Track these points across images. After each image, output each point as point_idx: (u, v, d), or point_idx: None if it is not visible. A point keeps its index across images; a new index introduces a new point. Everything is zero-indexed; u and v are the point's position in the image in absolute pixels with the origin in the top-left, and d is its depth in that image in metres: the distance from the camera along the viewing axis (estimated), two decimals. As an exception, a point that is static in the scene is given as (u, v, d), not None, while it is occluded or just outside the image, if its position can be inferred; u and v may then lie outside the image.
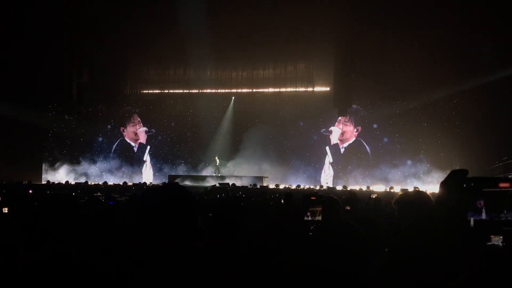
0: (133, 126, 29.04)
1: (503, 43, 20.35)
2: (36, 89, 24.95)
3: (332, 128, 26.95)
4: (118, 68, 27.34)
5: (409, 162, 24.82)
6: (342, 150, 26.76)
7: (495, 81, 21.02)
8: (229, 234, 3.11)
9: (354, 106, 25.82)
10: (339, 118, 26.55)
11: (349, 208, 8.11)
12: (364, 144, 26.47)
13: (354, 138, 26.75)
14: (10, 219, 5.61)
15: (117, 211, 5.40)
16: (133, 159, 28.70)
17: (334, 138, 26.99)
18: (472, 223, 1.90)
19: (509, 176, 15.61)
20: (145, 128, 28.94)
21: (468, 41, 21.48)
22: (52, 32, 23.39)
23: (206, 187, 21.99)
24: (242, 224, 3.26)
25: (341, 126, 26.86)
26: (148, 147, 28.91)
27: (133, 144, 29.05)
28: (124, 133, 29.08)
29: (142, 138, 29.04)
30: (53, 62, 24.89)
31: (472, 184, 1.97)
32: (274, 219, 4.38)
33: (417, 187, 22.00)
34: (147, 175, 28.37)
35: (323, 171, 26.84)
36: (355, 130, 26.72)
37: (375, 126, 26.05)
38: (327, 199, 3.49)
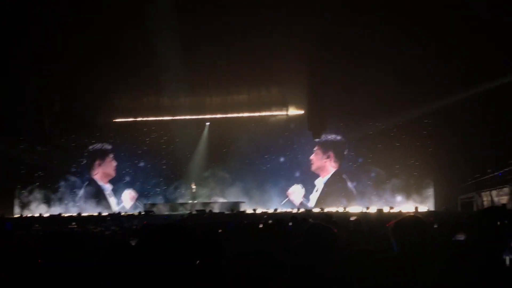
0: (104, 167, 28.59)
1: (468, 63, 20.85)
2: (7, 120, 24.60)
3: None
4: (90, 97, 27.06)
5: (383, 182, 25.03)
6: (322, 184, 26.76)
7: (464, 99, 21.49)
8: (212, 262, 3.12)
9: (324, 135, 26.16)
10: (315, 147, 26.74)
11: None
12: (345, 178, 26.56)
13: (332, 170, 26.79)
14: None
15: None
16: (100, 195, 28.21)
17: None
18: (508, 262, 1.89)
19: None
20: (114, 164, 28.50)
21: (435, 63, 21.93)
22: (22, 62, 23.20)
23: (182, 215, 21.82)
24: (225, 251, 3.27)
25: (313, 155, 26.96)
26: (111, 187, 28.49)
27: (103, 185, 28.52)
28: (95, 175, 28.61)
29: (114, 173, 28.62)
30: (23, 92, 24.63)
31: (507, 221, 1.99)
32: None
33: (392, 207, 22.28)
34: (114, 205, 27.90)
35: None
36: (325, 158, 26.80)
37: (360, 161, 26.21)
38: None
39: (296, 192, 26.29)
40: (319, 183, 26.70)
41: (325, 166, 26.80)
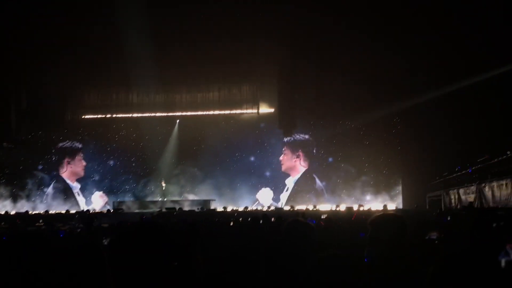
0: (73, 166, 28.15)
1: (436, 63, 21.23)
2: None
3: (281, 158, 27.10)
4: (57, 93, 26.60)
5: (353, 181, 25.24)
6: (292, 183, 26.85)
7: (431, 99, 21.85)
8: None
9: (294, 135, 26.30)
10: (283, 148, 26.84)
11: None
12: (315, 177, 26.69)
13: (302, 169, 26.89)
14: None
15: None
16: (68, 193, 27.80)
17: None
18: (503, 264, 1.89)
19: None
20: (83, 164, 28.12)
21: (405, 62, 22.24)
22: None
23: (152, 213, 21.64)
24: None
25: (282, 156, 27.05)
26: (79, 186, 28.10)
27: (71, 183, 28.09)
28: (62, 173, 28.17)
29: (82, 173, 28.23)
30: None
31: (502, 223, 1.99)
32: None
33: (361, 205, 22.53)
34: (83, 204, 27.52)
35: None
36: (295, 158, 26.91)
37: (330, 160, 26.34)
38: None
39: (265, 195, 26.27)
40: (290, 182, 26.79)
41: (295, 165, 26.90)
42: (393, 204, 23.79)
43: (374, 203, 23.92)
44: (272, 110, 26.87)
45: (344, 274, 2.24)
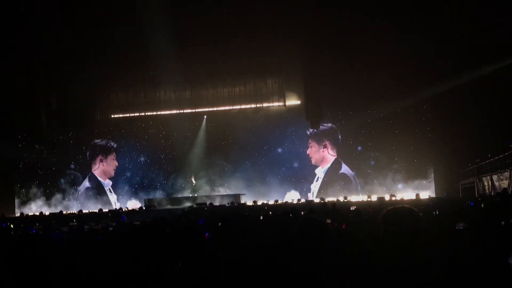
0: (105, 164, 28.59)
1: (466, 47, 20.75)
2: (5, 120, 24.57)
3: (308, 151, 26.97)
4: (86, 94, 26.95)
5: (384, 170, 24.94)
6: (323, 174, 26.68)
7: (461, 84, 21.41)
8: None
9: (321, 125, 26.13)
10: (309, 141, 26.70)
11: (329, 221, 8.15)
12: (341, 161, 26.51)
13: (332, 158, 26.70)
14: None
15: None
16: (100, 190, 28.23)
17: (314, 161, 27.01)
18: None
19: None
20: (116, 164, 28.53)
21: (432, 48, 21.83)
22: (17, 61, 23.13)
23: (183, 209, 21.80)
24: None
25: (308, 150, 26.91)
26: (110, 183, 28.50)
27: (103, 181, 28.50)
28: (94, 170, 28.61)
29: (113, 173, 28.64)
30: (19, 91, 24.58)
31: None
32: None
33: (393, 195, 22.26)
34: (114, 201, 27.90)
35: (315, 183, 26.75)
36: (322, 148, 26.74)
37: (359, 148, 26.08)
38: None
39: (292, 197, 26.10)
40: (320, 172, 26.64)
41: (323, 156, 26.74)
42: (426, 193, 23.43)
43: (406, 193, 23.62)
44: (298, 102, 26.72)
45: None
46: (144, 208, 23.59)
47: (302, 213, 11.04)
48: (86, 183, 28.25)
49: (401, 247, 2.73)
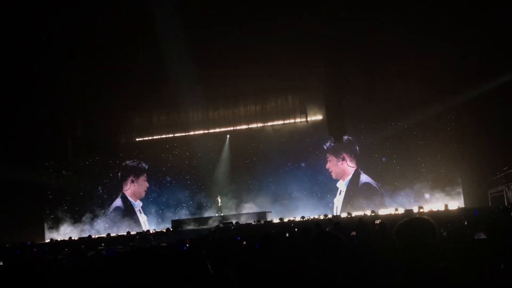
0: (137, 184, 28.89)
1: (490, 53, 20.51)
2: (31, 147, 25.07)
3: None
4: (111, 119, 27.39)
5: (411, 182, 24.64)
6: (345, 187, 26.55)
7: (485, 92, 21.15)
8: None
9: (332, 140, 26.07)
10: (327, 156, 26.61)
11: (354, 233, 8.10)
12: (361, 172, 26.33)
13: (352, 170, 26.54)
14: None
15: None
16: (130, 211, 28.50)
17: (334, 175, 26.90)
18: None
19: None
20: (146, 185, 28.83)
21: (455, 56, 21.64)
22: (43, 91, 23.65)
23: (209, 228, 21.84)
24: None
25: (328, 164, 26.81)
26: (141, 204, 28.75)
27: (133, 201, 28.78)
28: (126, 190, 28.93)
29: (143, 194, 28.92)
30: (46, 120, 25.09)
31: None
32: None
33: (421, 207, 21.96)
34: (144, 221, 28.14)
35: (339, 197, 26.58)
36: (340, 161, 26.60)
37: (384, 159, 25.87)
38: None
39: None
40: (341, 185, 26.46)
41: (343, 168, 26.59)
42: (455, 203, 23.06)
43: (434, 204, 23.29)
44: (320, 117, 26.69)
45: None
46: (171, 229, 23.69)
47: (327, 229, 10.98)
48: (117, 203, 28.58)
49: (416, 260, 2.69)
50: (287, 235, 11.71)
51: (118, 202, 28.65)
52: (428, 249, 2.73)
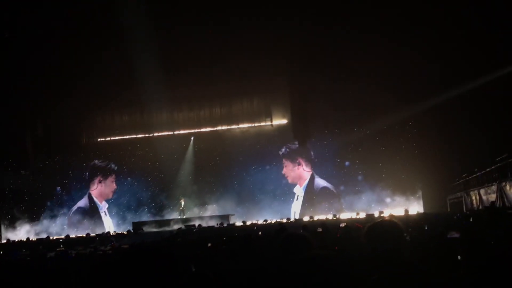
0: (104, 185, 28.38)
1: (451, 61, 20.93)
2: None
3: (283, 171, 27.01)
4: (72, 118, 26.86)
5: (372, 186, 24.98)
6: (302, 193, 26.67)
7: (446, 100, 21.58)
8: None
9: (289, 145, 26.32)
10: (282, 161, 26.75)
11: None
12: (316, 176, 26.57)
13: (308, 175, 26.74)
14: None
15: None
16: (94, 211, 27.98)
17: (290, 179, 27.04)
18: None
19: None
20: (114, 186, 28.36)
21: (415, 65, 22.03)
22: (2, 87, 23.03)
23: (171, 231, 21.63)
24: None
25: (284, 169, 26.96)
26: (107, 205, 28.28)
27: (99, 203, 28.26)
28: (92, 190, 28.39)
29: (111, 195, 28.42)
30: (5, 117, 24.43)
31: None
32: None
33: (382, 211, 22.27)
34: (109, 223, 27.69)
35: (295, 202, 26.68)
36: (296, 166, 26.81)
37: (347, 164, 26.08)
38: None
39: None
40: (298, 191, 26.62)
41: (299, 173, 26.77)
42: (414, 208, 23.47)
43: (394, 209, 23.64)
44: (285, 121, 26.81)
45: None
46: (132, 231, 23.37)
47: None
48: (80, 203, 28.04)
49: (388, 262, 2.70)
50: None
51: (82, 202, 28.11)
52: (398, 252, 2.74)
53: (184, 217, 25.12)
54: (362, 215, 22.05)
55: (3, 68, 22.19)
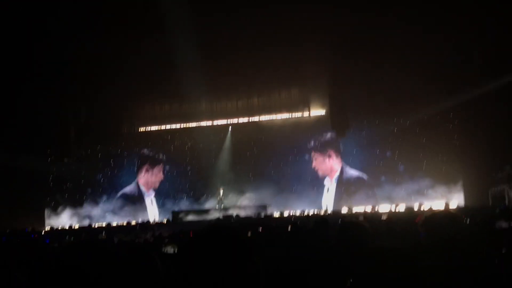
0: (151, 174, 28.80)
1: (492, 53, 20.46)
2: (33, 134, 25.05)
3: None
4: (114, 108, 27.34)
5: (411, 178, 24.63)
6: (333, 185, 26.48)
7: (488, 91, 21.12)
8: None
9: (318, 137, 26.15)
10: (312, 154, 26.55)
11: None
12: (347, 167, 26.32)
13: (338, 167, 26.53)
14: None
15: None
16: (134, 199, 28.42)
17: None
18: None
19: None
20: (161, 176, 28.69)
21: (457, 54, 21.59)
22: (46, 76, 23.55)
23: (210, 220, 21.85)
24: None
25: (314, 163, 26.77)
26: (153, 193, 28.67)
27: (145, 191, 28.71)
28: (139, 179, 28.86)
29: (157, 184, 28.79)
30: (49, 106, 25.04)
31: None
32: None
33: (421, 203, 21.99)
34: (154, 212, 28.08)
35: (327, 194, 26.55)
36: (327, 158, 26.59)
37: (388, 154, 25.74)
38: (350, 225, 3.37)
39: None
40: (329, 182, 26.44)
41: (330, 166, 26.55)
42: (455, 202, 23.07)
43: (434, 202, 23.27)
44: (323, 112, 26.63)
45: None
46: (171, 220, 23.70)
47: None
48: (126, 190, 28.58)
49: (446, 252, 2.69)
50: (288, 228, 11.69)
51: (127, 189, 28.61)
52: (458, 241, 2.72)
53: (222, 206, 25.30)
54: (401, 207, 21.81)
55: (46, 57, 22.68)
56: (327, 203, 26.16)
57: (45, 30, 21.36)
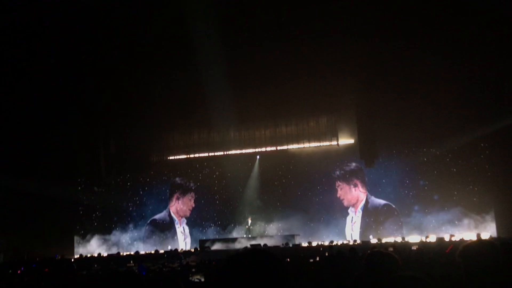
0: (182, 202, 29.00)
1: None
2: (65, 163, 25.54)
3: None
4: (143, 137, 27.72)
5: (442, 208, 24.21)
6: (359, 214, 26.19)
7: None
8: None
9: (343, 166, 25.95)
10: (336, 184, 26.40)
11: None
12: (372, 197, 25.99)
13: (363, 197, 26.24)
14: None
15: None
16: (164, 227, 28.53)
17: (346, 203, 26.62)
18: None
19: None
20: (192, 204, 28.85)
21: (488, 84, 21.41)
22: (78, 108, 24.15)
23: (237, 250, 21.73)
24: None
25: (339, 192, 26.57)
26: (185, 221, 28.78)
27: (176, 219, 28.85)
28: (171, 207, 29.07)
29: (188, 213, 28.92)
30: (80, 136, 25.58)
31: None
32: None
33: (453, 234, 21.57)
34: (183, 240, 28.12)
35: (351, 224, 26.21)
36: (352, 187, 26.33)
37: (421, 183, 25.41)
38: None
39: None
40: (354, 213, 26.09)
41: (356, 195, 26.25)
42: (487, 233, 22.56)
43: (466, 233, 22.80)
44: (352, 141, 26.52)
45: None
46: (198, 249, 23.69)
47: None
48: (156, 217, 28.78)
49: (485, 282, 2.65)
50: (317, 258, 11.64)
51: (158, 216, 28.84)
52: (495, 272, 2.68)
53: (250, 236, 25.20)
54: (432, 237, 21.43)
55: (80, 89, 23.26)
56: (352, 233, 25.82)
57: (81, 61, 21.89)
